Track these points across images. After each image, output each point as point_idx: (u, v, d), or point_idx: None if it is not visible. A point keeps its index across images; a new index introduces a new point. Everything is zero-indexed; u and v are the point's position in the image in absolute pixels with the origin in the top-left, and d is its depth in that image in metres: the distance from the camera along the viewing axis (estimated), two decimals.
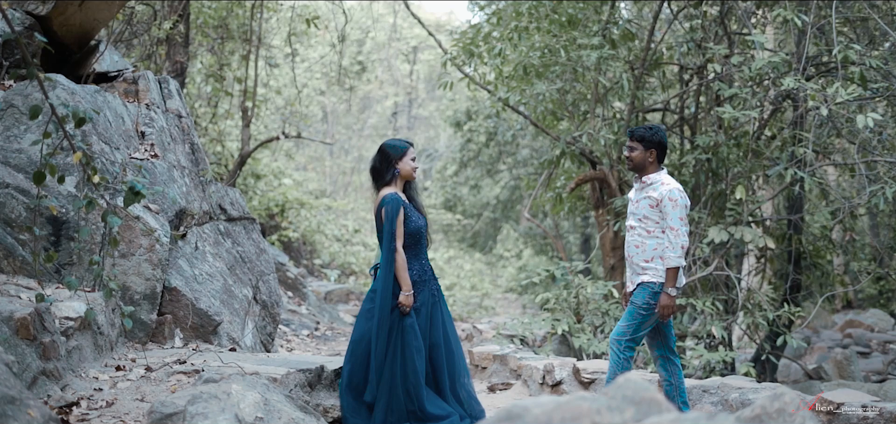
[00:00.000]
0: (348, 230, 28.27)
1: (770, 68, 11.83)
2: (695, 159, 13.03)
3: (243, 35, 19.37)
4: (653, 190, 7.08)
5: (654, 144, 7.12)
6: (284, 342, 12.90)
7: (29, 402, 4.06)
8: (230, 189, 10.69)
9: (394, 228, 6.86)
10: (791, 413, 3.62)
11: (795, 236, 14.09)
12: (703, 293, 13.05)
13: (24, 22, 8.76)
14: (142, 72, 9.62)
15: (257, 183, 23.69)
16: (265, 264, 10.54)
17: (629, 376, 3.28)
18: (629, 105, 14.17)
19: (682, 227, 6.92)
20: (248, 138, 18.74)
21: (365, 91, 38.03)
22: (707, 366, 11.75)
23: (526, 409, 3.05)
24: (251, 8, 18.64)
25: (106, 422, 5.59)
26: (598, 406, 3.02)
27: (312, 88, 31.69)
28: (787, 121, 13.29)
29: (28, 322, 5.77)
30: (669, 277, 6.94)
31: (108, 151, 7.93)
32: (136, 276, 7.68)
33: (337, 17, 19.44)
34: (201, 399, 5.35)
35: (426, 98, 39.41)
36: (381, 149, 7.19)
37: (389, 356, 6.82)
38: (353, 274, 26.51)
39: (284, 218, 24.11)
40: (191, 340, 8.06)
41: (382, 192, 7.02)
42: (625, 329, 7.10)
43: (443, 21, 39.18)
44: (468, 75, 15.28)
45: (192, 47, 18.71)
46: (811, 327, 20.56)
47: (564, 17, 14.22)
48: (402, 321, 6.89)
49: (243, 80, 19.48)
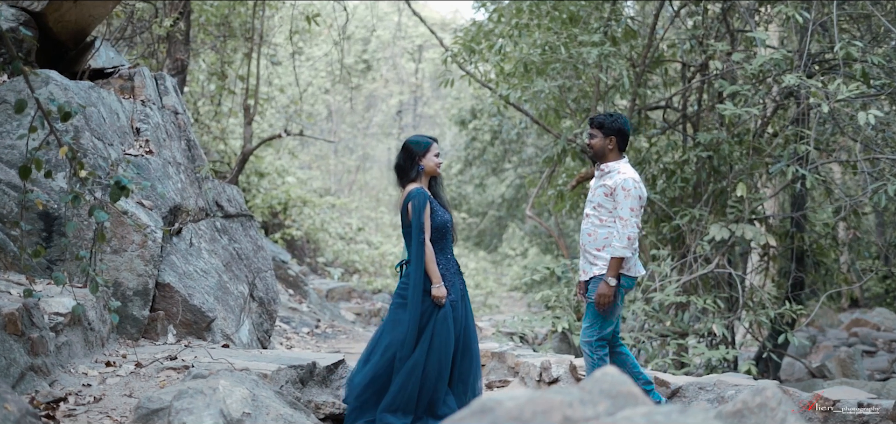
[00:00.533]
0: (352, 229, 28.26)
1: (772, 65, 11.78)
2: (696, 156, 12.97)
3: (245, 33, 19.37)
4: (609, 178, 7.04)
5: (614, 132, 7.07)
6: (284, 340, 12.86)
7: (6, 396, 4.03)
8: (228, 186, 10.67)
9: (421, 221, 6.87)
10: (772, 408, 3.58)
11: (798, 234, 14.02)
12: (704, 291, 13.00)
13: (18, 18, 8.74)
14: (138, 68, 9.60)
15: (261, 181, 23.68)
16: (262, 261, 10.51)
17: (607, 370, 3.24)
18: (631, 102, 14.12)
19: (632, 217, 6.86)
20: (249, 136, 18.72)
21: (370, 90, 38.02)
22: (708, 364, 11.70)
23: (498, 402, 3.01)
24: (253, 6, 18.62)
25: (92, 418, 5.56)
26: (571, 399, 2.98)
27: (317, 86, 31.68)
28: (789, 118, 13.22)
29: (16, 318, 5.74)
30: (612, 266, 6.90)
31: (101, 147, 7.90)
32: (129, 272, 7.66)
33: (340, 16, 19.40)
34: (187, 394, 5.32)
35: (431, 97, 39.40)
36: (405, 145, 7.19)
37: (419, 345, 6.81)
38: (356, 272, 26.50)
39: (288, 216, 24.11)
40: (184, 336, 8.04)
41: (408, 188, 7.02)
42: (590, 329, 7.08)
43: (448, 20, 39.17)
44: (469, 73, 15.24)
45: (195, 45, 18.71)
46: (817, 325, 20.48)
47: (565, 15, 14.17)
48: (435, 313, 6.89)
49: (245, 78, 19.47)
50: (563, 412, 2.91)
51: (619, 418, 2.88)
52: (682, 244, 13.52)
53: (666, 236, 13.82)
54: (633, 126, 14.50)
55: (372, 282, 24.83)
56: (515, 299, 30.22)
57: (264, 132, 24.08)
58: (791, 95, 12.81)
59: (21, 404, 4.07)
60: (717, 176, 13.22)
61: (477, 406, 3.06)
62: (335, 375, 7.50)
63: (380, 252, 27.58)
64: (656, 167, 14.35)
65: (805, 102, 12.21)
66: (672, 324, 12.47)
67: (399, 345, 6.86)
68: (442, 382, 6.88)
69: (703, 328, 12.26)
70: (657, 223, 14.09)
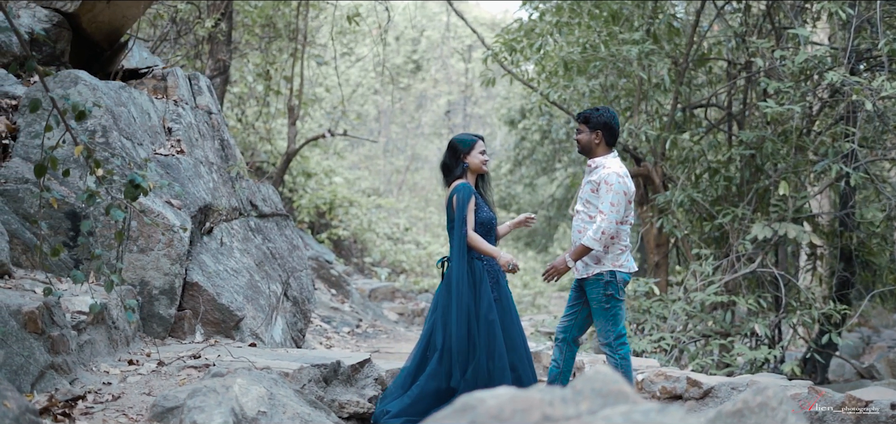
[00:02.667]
0: (400, 229, 28.28)
1: (816, 62, 11.60)
2: (740, 154, 12.81)
3: (290, 33, 19.44)
4: (595, 173, 7.02)
5: (600, 126, 7.04)
6: (324, 339, 12.88)
7: (6, 393, 4.05)
8: (263, 185, 10.70)
9: (465, 213, 6.92)
10: (773, 408, 3.49)
11: (846, 234, 13.76)
12: (748, 291, 12.83)
13: (51, 19, 8.83)
14: (171, 69, 9.65)
15: (308, 181, 23.78)
16: (297, 260, 10.52)
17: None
18: (672, 101, 13.97)
19: (611, 212, 6.80)
20: (294, 136, 18.80)
21: (420, 90, 38.04)
22: (753, 364, 11.56)
23: (481, 400, 3.00)
24: (297, 6, 18.69)
25: (108, 416, 5.58)
26: (552, 397, 2.94)
27: (367, 86, 31.75)
28: (834, 116, 12.99)
29: (36, 316, 5.78)
30: (578, 250, 6.88)
31: (129, 146, 7.95)
32: (155, 270, 7.69)
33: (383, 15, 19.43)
34: (200, 392, 5.33)
35: (481, 97, 39.32)
36: (450, 143, 7.27)
37: (474, 342, 6.82)
38: (403, 272, 26.51)
39: (334, 216, 24.17)
40: (212, 335, 8.06)
41: (454, 184, 7.08)
42: (605, 331, 7.05)
43: (498, 19, 39.07)
44: (510, 71, 15.17)
45: (240, 46, 18.83)
46: (871, 326, 20.14)
47: (606, 13, 14.06)
48: (480, 311, 6.92)
49: (290, 78, 19.56)
50: (543, 410, 2.87)
51: (599, 416, 2.83)
52: (725, 244, 13.36)
53: (709, 236, 13.66)
54: (677, 124, 14.35)
55: (418, 282, 24.83)
56: (564, 299, 30.04)
57: (311, 133, 24.19)
58: (837, 93, 12.58)
59: (21, 401, 4.09)
60: (760, 175, 13.04)
61: (459, 404, 3.04)
62: (360, 374, 7.47)
63: (427, 252, 27.57)
64: (700, 166, 14.20)
65: (847, 99, 11.98)
66: (714, 324, 12.33)
67: (441, 328, 6.88)
68: (506, 372, 6.86)
69: (746, 328, 12.11)
70: (700, 223, 13.93)
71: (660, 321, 12.11)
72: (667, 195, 13.29)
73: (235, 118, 20.47)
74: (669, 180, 14.22)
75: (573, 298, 7.28)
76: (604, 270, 6.95)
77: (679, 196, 13.00)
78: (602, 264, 6.95)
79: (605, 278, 6.95)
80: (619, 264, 6.96)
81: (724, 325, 12.27)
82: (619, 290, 6.96)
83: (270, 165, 21.06)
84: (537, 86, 15.15)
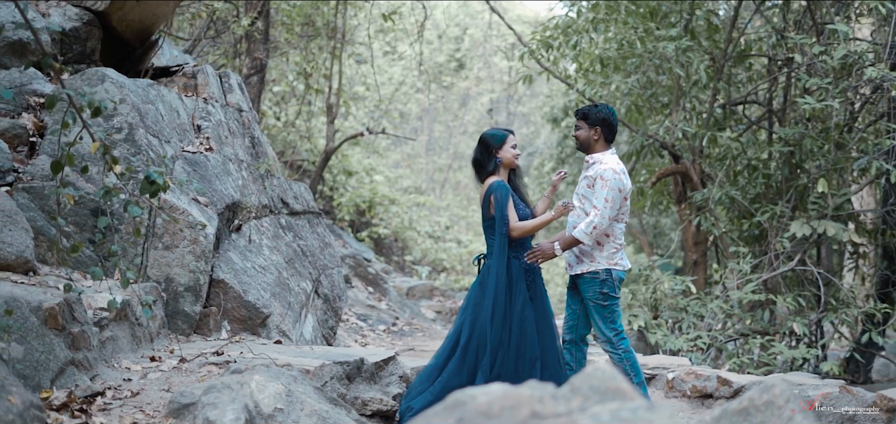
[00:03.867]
0: (441, 227, 28.25)
1: (856, 57, 11.42)
2: (779, 151, 12.65)
3: (329, 32, 19.47)
4: (592, 169, 7.02)
5: (599, 122, 7.05)
6: (359, 337, 12.88)
7: (11, 388, 4.05)
8: (295, 183, 10.71)
9: (505, 212, 6.91)
10: (779, 406, 3.41)
11: (888, 232, 13.51)
12: (787, 290, 12.66)
13: (82, 17, 8.89)
14: (201, 66, 9.68)
15: (348, 180, 23.82)
16: (329, 258, 10.52)
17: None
18: (711, 98, 13.83)
19: (606, 208, 6.78)
20: (333, 135, 18.83)
21: (463, 88, 37.98)
22: (793, 362, 11.41)
23: (471, 397, 2.96)
24: (335, 5, 18.71)
25: (126, 412, 5.59)
26: (542, 394, 2.89)
27: (409, 85, 31.75)
28: (876, 112, 12.78)
29: (56, 312, 5.79)
30: (568, 240, 6.91)
31: (156, 144, 7.97)
32: (180, 268, 7.71)
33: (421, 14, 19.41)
34: (215, 389, 5.32)
35: (525, 94, 39.18)
36: (481, 139, 7.25)
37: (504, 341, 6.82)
38: (443, 270, 26.49)
39: (374, 215, 24.19)
40: (238, 332, 8.06)
41: (488, 181, 7.05)
42: (603, 329, 7.04)
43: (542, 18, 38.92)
44: (547, 68, 15.10)
45: (280, 45, 18.88)
46: None
47: (643, 9, 13.94)
48: (514, 309, 6.91)
49: (329, 77, 19.58)
50: (532, 407, 2.83)
51: (588, 414, 2.78)
52: (763, 242, 13.20)
53: (748, 234, 13.50)
54: (716, 121, 14.20)
55: (459, 280, 24.79)
56: None
57: (352, 131, 24.24)
58: (878, 89, 12.37)
59: (25, 397, 4.09)
60: (799, 172, 12.86)
61: (450, 401, 3.01)
62: (385, 371, 7.44)
63: (468, 250, 27.51)
64: (739, 163, 14.04)
65: (888, 94, 11.78)
66: (752, 322, 12.18)
67: (469, 325, 6.86)
68: (535, 369, 6.84)
69: (784, 326, 11.95)
70: (739, 220, 13.78)
71: (697, 319, 11.99)
72: (705, 193, 13.17)
73: (275, 117, 20.55)
74: (708, 177, 14.08)
75: (570, 297, 7.31)
76: (599, 268, 6.96)
77: (717, 194, 12.88)
78: (597, 262, 6.96)
79: (601, 276, 6.96)
80: (614, 262, 6.98)
81: (762, 324, 12.11)
82: (615, 288, 6.97)
83: (310, 163, 21.12)
84: (574, 83, 15.06)
